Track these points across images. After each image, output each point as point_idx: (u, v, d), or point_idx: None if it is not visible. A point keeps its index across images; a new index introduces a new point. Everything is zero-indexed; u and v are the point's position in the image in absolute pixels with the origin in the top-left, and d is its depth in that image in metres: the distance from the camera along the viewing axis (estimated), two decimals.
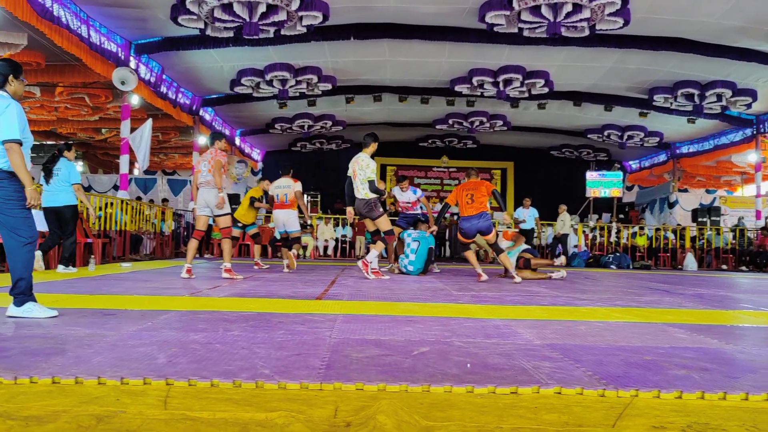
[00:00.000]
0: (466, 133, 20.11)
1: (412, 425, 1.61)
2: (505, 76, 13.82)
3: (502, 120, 18.12)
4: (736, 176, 21.62)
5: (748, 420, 1.83)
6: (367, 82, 15.38)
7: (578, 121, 18.36)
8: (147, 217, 13.00)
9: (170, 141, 20.14)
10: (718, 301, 5.74)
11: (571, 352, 2.75)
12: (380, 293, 5.54)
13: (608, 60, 13.27)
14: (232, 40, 11.30)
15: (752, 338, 3.46)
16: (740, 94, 13.88)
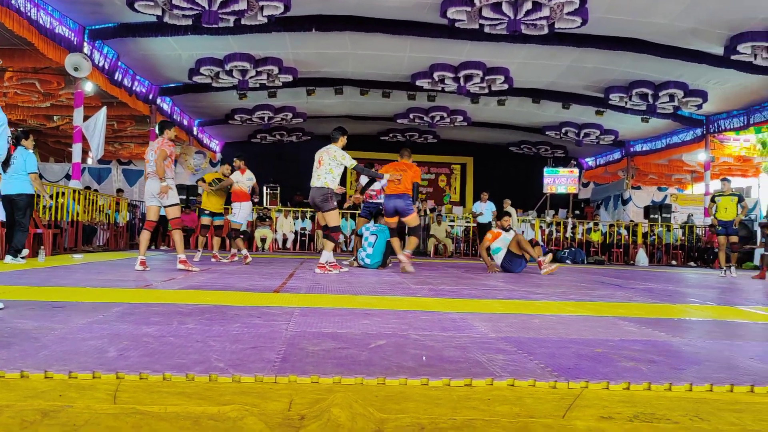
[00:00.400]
0: (426, 128, 20.21)
1: (366, 418, 1.61)
2: (466, 71, 13.94)
3: (463, 115, 18.27)
4: (687, 175, 22.29)
5: (692, 410, 1.89)
6: (329, 75, 15.30)
7: (537, 118, 18.65)
8: (100, 208, 12.68)
9: (126, 130, 19.67)
10: (667, 296, 5.91)
11: (525, 345, 2.80)
12: (338, 287, 5.53)
13: (566, 58, 13.50)
14: (190, 28, 11.09)
15: (698, 331, 3.58)
16: (691, 95, 14.31)
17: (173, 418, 1.57)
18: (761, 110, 15.19)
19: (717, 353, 2.81)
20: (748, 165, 20.83)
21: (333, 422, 1.52)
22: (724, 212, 10.42)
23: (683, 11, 10.55)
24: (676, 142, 18.50)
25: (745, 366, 2.54)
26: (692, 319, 4.16)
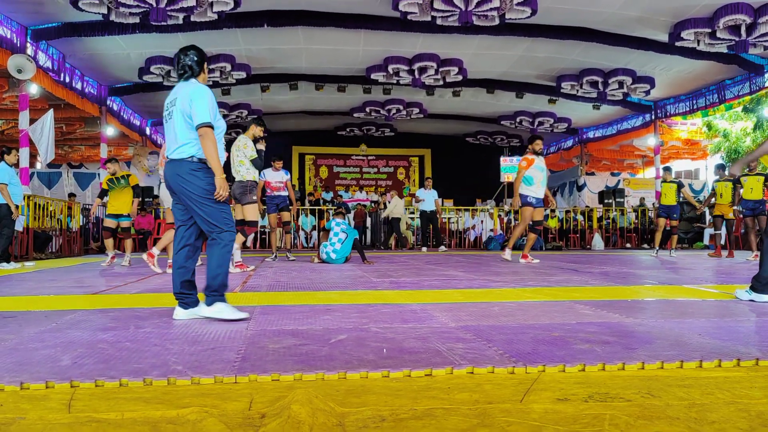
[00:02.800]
0: (383, 121, 20.23)
1: (327, 413, 1.62)
2: (420, 64, 13.98)
3: (419, 107, 18.35)
4: (638, 159, 22.88)
5: (644, 387, 1.95)
6: (283, 71, 15.17)
7: (492, 108, 18.85)
8: (51, 213, 12.32)
9: (75, 132, 19.13)
10: (621, 278, 6.07)
11: (484, 333, 2.84)
12: (299, 283, 5.51)
13: (518, 48, 13.67)
14: (138, 27, 10.85)
15: (650, 311, 3.69)
16: (640, 82, 14.67)
17: (131, 425, 1.55)
18: (705, 94, 15.68)
19: (668, 331, 2.91)
20: (695, 148, 21.48)
21: (293, 419, 1.52)
22: (665, 198, 10.95)
23: (627, 0, 10.79)
24: (627, 128, 18.96)
25: (693, 343, 2.64)
26: (645, 300, 4.28)
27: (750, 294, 4.11)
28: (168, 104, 3.37)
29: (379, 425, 1.55)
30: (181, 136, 3.27)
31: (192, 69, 3.39)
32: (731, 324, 3.17)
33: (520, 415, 1.65)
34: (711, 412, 1.70)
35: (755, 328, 3.06)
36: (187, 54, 3.39)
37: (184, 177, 3.25)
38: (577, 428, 1.55)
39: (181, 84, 3.38)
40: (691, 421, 1.61)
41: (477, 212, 17.66)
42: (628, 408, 1.73)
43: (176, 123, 3.28)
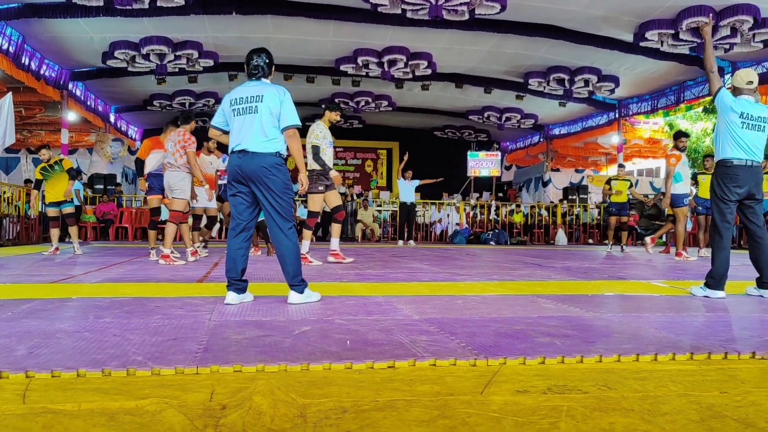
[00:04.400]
0: (352, 113, 20.17)
1: (288, 404, 1.62)
2: (390, 56, 13.96)
3: (387, 100, 18.34)
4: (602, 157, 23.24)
5: (601, 380, 2.00)
6: None
7: (460, 102, 18.95)
8: (8, 200, 11.99)
9: (35, 117, 18.57)
10: (582, 273, 6.18)
11: (448, 326, 2.87)
12: (264, 274, 5.48)
13: (487, 44, 13.76)
14: (102, 10, 10.58)
15: (609, 306, 3.77)
16: (605, 80, 14.91)
17: (87, 416, 1.53)
18: (667, 95, 16.02)
19: (625, 325, 2.98)
20: (657, 147, 21.94)
21: (254, 410, 1.51)
22: (618, 195, 11.12)
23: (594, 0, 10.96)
24: (591, 125, 19.27)
25: (649, 336, 2.71)
26: (604, 295, 4.37)
27: (704, 290, 4.23)
28: (248, 98, 3.56)
29: (340, 417, 1.56)
30: (269, 132, 3.52)
31: (263, 69, 3.67)
32: (686, 319, 3.26)
33: (480, 407, 1.68)
34: (664, 404, 1.75)
35: (708, 323, 3.15)
36: (260, 55, 3.66)
37: (269, 169, 3.48)
38: (535, 420, 1.58)
39: (257, 83, 3.64)
40: (644, 413, 1.66)
41: (443, 206, 17.77)
42: (585, 400, 1.77)
43: (263, 119, 3.52)
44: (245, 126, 3.53)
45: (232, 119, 3.61)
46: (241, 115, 3.55)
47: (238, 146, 3.53)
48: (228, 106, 3.64)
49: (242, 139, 3.51)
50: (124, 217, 14.40)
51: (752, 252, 4.33)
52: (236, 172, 3.52)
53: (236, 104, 3.59)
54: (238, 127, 3.56)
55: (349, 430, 1.47)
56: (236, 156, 3.53)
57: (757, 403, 1.76)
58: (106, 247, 10.25)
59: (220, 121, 3.75)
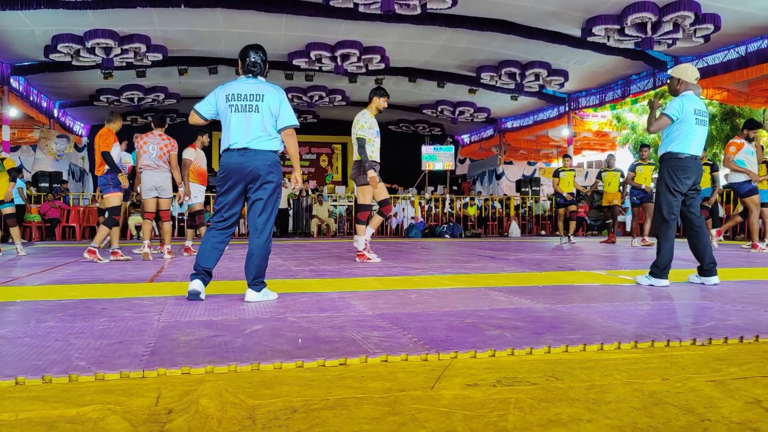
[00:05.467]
0: (305, 108, 20.03)
1: (237, 405, 1.60)
2: (343, 51, 13.92)
3: (341, 95, 18.29)
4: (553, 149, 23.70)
5: (549, 371, 2.04)
6: (202, 54, 14.73)
7: (413, 96, 19.02)
8: None
9: None
10: (535, 264, 6.29)
11: (400, 321, 2.88)
12: (216, 272, 5.38)
13: (439, 38, 13.84)
14: (43, 2, 10.23)
15: (558, 296, 3.84)
16: (554, 75, 15.20)
17: (26, 426, 1.48)
18: (614, 89, 16.43)
19: (573, 316, 3.04)
20: (605, 139, 22.49)
21: (201, 413, 1.49)
22: (566, 186, 11.32)
23: None
24: (543, 119, 19.63)
25: (596, 326, 2.77)
26: (555, 286, 4.46)
27: (649, 279, 4.36)
28: (248, 96, 3.59)
29: (290, 417, 1.55)
30: (270, 131, 3.60)
31: (261, 67, 3.72)
32: (631, 308, 3.35)
33: (430, 402, 1.69)
34: (608, 392, 1.79)
35: (652, 312, 3.25)
36: (258, 52, 3.72)
37: (271, 167, 3.57)
38: (484, 413, 1.60)
39: (255, 81, 3.68)
40: (590, 402, 1.69)
41: (398, 200, 17.83)
42: (533, 391, 1.80)
43: (265, 118, 3.58)
44: (247, 124, 3.56)
45: (228, 115, 3.60)
46: (241, 112, 3.58)
47: (237, 144, 3.56)
48: (224, 101, 3.63)
49: (243, 137, 3.56)
50: (71, 216, 13.95)
51: (691, 241, 4.49)
52: (236, 169, 3.55)
53: (235, 100, 3.60)
54: (238, 125, 3.58)
55: (299, 430, 1.46)
56: (237, 153, 3.56)
57: (697, 388, 1.82)
58: (52, 248, 9.92)
59: (207, 110, 3.73)
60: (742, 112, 19.22)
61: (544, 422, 1.53)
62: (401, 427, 1.49)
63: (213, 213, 3.70)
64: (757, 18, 11.47)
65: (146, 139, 7.15)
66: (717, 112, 19.48)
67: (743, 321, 2.90)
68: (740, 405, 1.66)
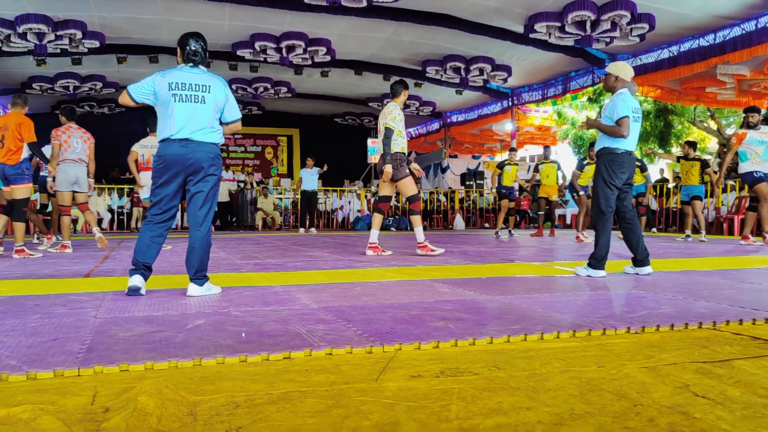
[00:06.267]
0: (250, 99, 19.73)
1: (177, 402, 1.57)
2: (288, 42, 13.76)
3: (287, 86, 18.08)
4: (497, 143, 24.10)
5: (491, 361, 2.08)
6: (142, 42, 14.28)
7: (359, 89, 18.99)
8: None
9: None
10: (479, 256, 6.40)
11: (345, 314, 2.88)
12: (157, 266, 5.25)
13: (385, 32, 13.85)
14: None
15: (501, 288, 3.92)
16: (498, 70, 15.44)
17: None
18: (555, 84, 16.83)
19: (515, 307, 3.11)
20: (547, 134, 23.00)
21: (140, 411, 1.45)
22: (509, 179, 11.56)
23: None
24: (487, 113, 19.93)
25: (537, 316, 2.84)
26: (497, 277, 4.54)
27: (587, 270, 4.50)
28: (193, 86, 3.52)
29: (232, 412, 1.53)
30: (209, 122, 3.54)
31: (201, 56, 3.65)
32: (570, 298, 3.45)
33: (375, 394, 1.70)
34: (548, 380, 1.84)
35: (590, 302, 3.35)
36: (198, 41, 3.64)
37: (213, 160, 3.53)
38: (427, 403, 1.62)
39: (199, 71, 3.60)
40: (530, 390, 1.74)
41: (345, 193, 17.79)
42: (476, 381, 1.83)
43: (210, 110, 3.54)
44: (190, 115, 3.49)
45: (170, 104, 3.49)
46: (185, 102, 3.50)
47: (179, 134, 3.47)
48: (165, 89, 3.51)
49: (187, 128, 3.47)
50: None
51: (625, 234, 4.66)
52: (178, 161, 3.46)
53: (178, 90, 3.50)
54: (181, 115, 3.48)
55: (241, 425, 1.44)
56: (179, 144, 3.47)
57: (631, 375, 1.90)
58: None
59: (141, 94, 3.57)
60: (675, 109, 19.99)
61: (486, 411, 1.56)
62: (345, 419, 1.49)
63: (150, 205, 3.59)
64: (689, 19, 11.94)
65: (69, 133, 7.10)
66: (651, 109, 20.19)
67: (674, 309, 3.03)
68: (670, 390, 1.74)
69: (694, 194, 9.54)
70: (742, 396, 1.68)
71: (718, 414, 1.53)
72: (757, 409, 1.56)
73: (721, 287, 3.86)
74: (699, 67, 12.77)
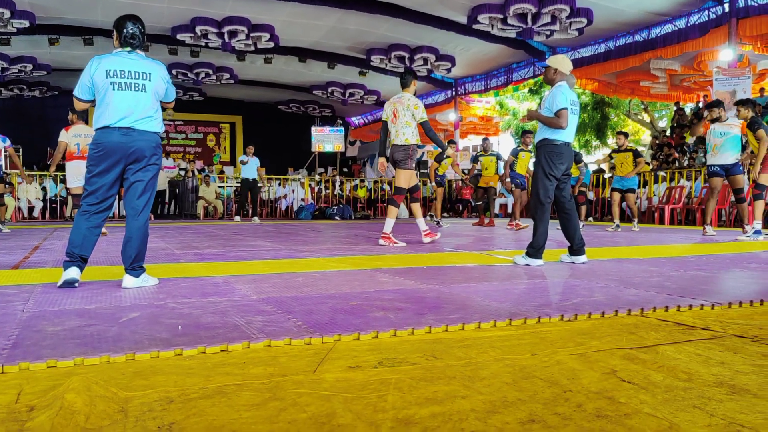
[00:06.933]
0: (191, 85, 19.27)
1: (107, 399, 1.52)
2: (230, 27, 13.49)
3: (229, 73, 17.75)
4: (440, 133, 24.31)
5: (429, 350, 2.11)
6: (75, 23, 13.71)
7: (304, 77, 18.81)
8: None
9: None
10: (421, 246, 6.46)
11: (285, 305, 2.86)
12: (93, 256, 5.07)
13: (330, 19, 13.74)
14: None
15: (442, 277, 3.97)
16: (442, 60, 15.57)
17: None
18: (497, 75, 17.10)
19: (455, 296, 3.16)
20: (489, 124, 23.36)
21: (66, 409, 1.41)
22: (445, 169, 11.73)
23: None
24: (431, 102, 20.08)
25: (475, 305, 2.90)
26: (438, 266, 4.60)
27: (526, 259, 4.61)
28: (133, 74, 3.42)
29: (165, 408, 1.50)
30: (151, 110, 3.46)
31: (139, 39, 3.52)
32: (508, 287, 3.53)
33: (312, 386, 1.70)
34: (483, 369, 1.88)
35: (527, 290, 3.44)
36: (136, 24, 3.52)
37: (154, 148, 3.45)
38: (364, 394, 1.63)
39: (138, 56, 3.48)
40: (465, 379, 1.77)
41: (288, 181, 17.64)
42: (413, 371, 1.86)
43: (149, 96, 3.45)
44: (132, 103, 3.39)
45: (108, 92, 3.37)
46: (125, 90, 3.40)
47: (120, 122, 3.35)
48: (103, 76, 3.37)
49: (128, 116, 3.37)
50: None
51: (562, 223, 4.79)
52: (117, 149, 3.35)
53: (117, 77, 3.38)
54: (121, 103, 3.37)
55: (174, 421, 1.42)
56: (119, 132, 3.35)
57: (562, 362, 1.96)
58: None
59: (87, 92, 3.47)
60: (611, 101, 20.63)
61: (422, 401, 1.58)
62: (281, 412, 1.49)
63: (85, 194, 3.46)
64: (624, 14, 12.32)
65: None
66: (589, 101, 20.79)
67: (605, 297, 3.14)
68: (598, 375, 1.80)
69: (629, 187, 9.88)
70: (665, 380, 1.76)
71: (642, 398, 1.60)
72: (677, 393, 1.64)
73: (650, 275, 4.02)
74: (633, 61, 13.22)
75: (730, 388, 1.68)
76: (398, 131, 6.52)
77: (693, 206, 12.07)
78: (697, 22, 11.99)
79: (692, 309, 2.83)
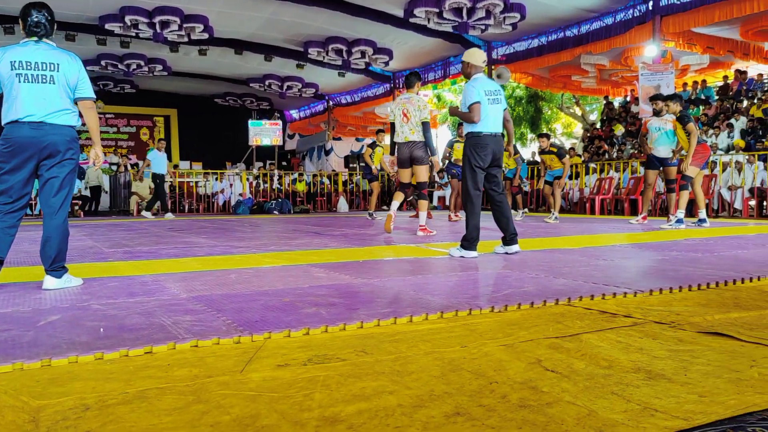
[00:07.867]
0: (122, 77, 18.61)
1: (18, 408, 1.45)
2: (162, 17, 13.08)
3: (162, 64, 17.23)
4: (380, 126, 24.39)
5: (359, 346, 2.10)
6: None
7: (240, 69, 18.47)
8: None
9: None
10: (359, 239, 6.45)
11: (216, 303, 2.80)
12: (13, 257, 4.84)
13: (265, 10, 13.53)
14: None
15: (377, 271, 3.98)
16: (380, 53, 15.59)
17: None
18: (435, 69, 17.26)
19: (388, 290, 3.17)
20: None
21: None
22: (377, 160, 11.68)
23: None
24: (369, 95, 20.11)
25: (408, 299, 2.91)
26: (374, 260, 4.61)
27: (460, 251, 4.67)
28: (40, 65, 3.24)
29: (81, 416, 1.44)
30: (63, 103, 3.29)
31: (47, 28, 3.34)
32: (441, 279, 3.57)
33: (238, 387, 1.66)
34: (412, 363, 1.89)
35: (460, 282, 3.48)
36: (41, 11, 3.32)
37: (69, 142, 3.30)
38: (291, 393, 1.61)
39: (46, 46, 3.30)
40: (394, 374, 1.78)
41: (225, 176, 17.31)
42: (342, 367, 1.85)
43: (61, 89, 3.29)
44: (41, 96, 3.23)
45: (15, 85, 3.19)
46: (32, 83, 3.21)
47: (30, 117, 3.19)
48: (8, 68, 3.19)
49: (38, 110, 3.20)
50: None
51: (495, 215, 4.88)
52: (29, 144, 3.19)
53: (24, 69, 3.20)
54: (29, 96, 3.20)
55: (89, 429, 1.36)
56: (28, 127, 3.19)
57: (490, 353, 1.99)
58: None
59: None
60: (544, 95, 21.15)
61: (349, 398, 1.57)
62: (204, 415, 1.45)
63: None
64: (556, 10, 12.64)
65: None
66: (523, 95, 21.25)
67: (535, 288, 3.21)
68: (524, 366, 1.84)
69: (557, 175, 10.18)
70: (586, 368, 1.81)
71: (563, 386, 1.64)
72: (597, 380, 1.69)
73: (579, 264, 4.15)
74: (565, 56, 13.59)
75: (647, 373, 1.75)
76: (413, 129, 6.85)
77: (621, 196, 12.53)
78: (623, 18, 12.43)
79: (616, 297, 2.94)
